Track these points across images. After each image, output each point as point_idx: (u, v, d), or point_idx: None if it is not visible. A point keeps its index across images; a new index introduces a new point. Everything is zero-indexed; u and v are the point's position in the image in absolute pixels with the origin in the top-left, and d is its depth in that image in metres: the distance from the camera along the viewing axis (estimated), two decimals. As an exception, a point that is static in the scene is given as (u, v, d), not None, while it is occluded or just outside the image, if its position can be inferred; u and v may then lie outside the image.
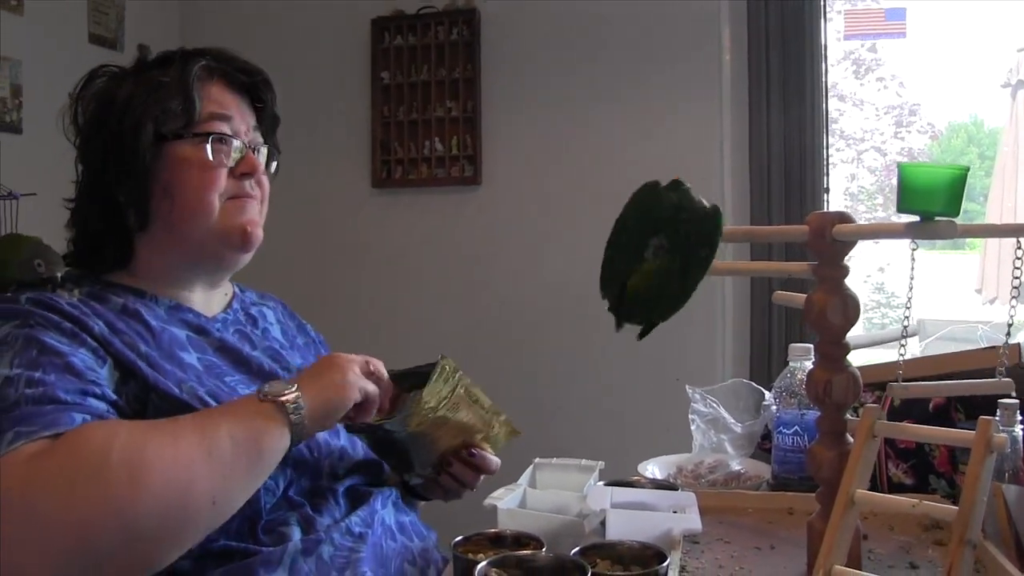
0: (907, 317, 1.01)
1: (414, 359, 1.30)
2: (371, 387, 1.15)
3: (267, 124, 1.33)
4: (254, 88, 1.31)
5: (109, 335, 1.08)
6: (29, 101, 2.87)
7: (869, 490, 0.95)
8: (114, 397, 1.03)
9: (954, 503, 0.91)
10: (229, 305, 1.34)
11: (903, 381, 1.04)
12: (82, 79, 1.27)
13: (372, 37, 3.34)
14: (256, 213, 1.27)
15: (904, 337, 1.01)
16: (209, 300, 1.31)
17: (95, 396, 1.00)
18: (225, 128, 1.23)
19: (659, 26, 3.07)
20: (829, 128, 3.07)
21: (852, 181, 3.55)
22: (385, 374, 1.21)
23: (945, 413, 1.39)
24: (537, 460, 1.42)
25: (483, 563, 0.98)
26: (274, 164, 1.35)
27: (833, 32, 3.12)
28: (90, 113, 1.24)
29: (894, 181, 3.62)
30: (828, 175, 3.04)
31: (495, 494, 1.24)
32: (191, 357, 1.17)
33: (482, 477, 1.36)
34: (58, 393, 0.96)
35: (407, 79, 3.32)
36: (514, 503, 1.25)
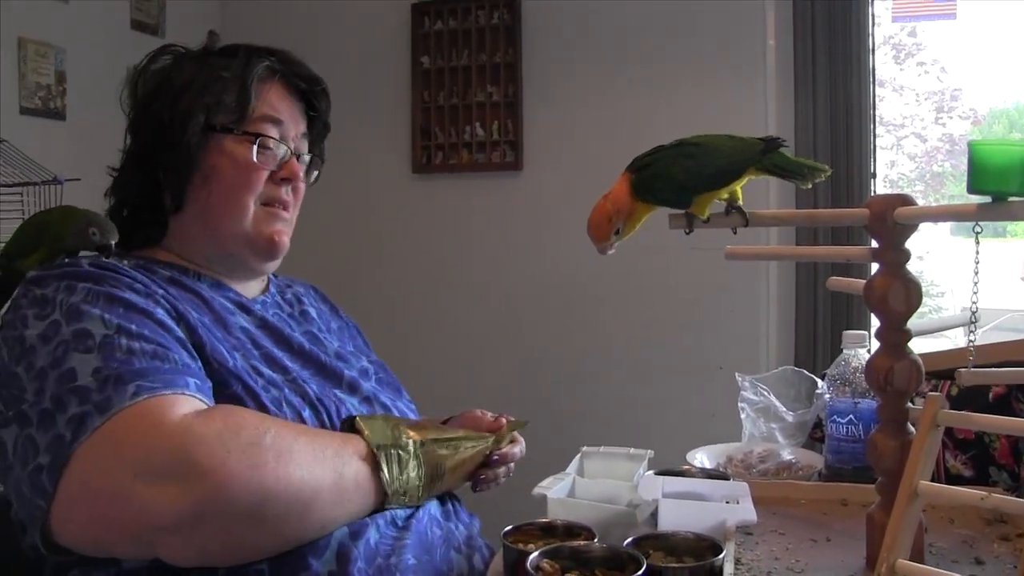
0: (975, 303, 0.97)
1: (454, 344, 1.29)
2: None
3: (316, 132, 1.35)
4: (311, 96, 1.32)
5: (169, 296, 1.09)
6: (73, 88, 2.90)
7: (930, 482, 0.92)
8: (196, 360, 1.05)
9: (1018, 496, 0.88)
10: (266, 289, 1.36)
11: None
12: (148, 55, 1.27)
13: (412, 22, 3.32)
14: (286, 223, 1.28)
15: (973, 323, 0.98)
16: (246, 285, 1.31)
17: (190, 354, 1.02)
18: (274, 132, 1.24)
19: (702, 11, 3.02)
20: (875, 114, 3.01)
21: (892, 168, 3.49)
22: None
23: (1006, 402, 1.35)
24: (584, 448, 1.40)
25: (535, 554, 0.96)
26: (315, 173, 1.35)
27: (878, 16, 3.06)
28: (148, 89, 1.25)
29: (935, 167, 3.56)
30: (875, 160, 2.99)
31: (543, 483, 1.22)
32: (239, 323, 1.19)
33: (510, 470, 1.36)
34: (169, 351, 0.98)
35: (447, 64, 3.30)
36: (563, 492, 1.23)
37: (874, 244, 1.02)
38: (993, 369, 1.08)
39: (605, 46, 3.14)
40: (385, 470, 1.08)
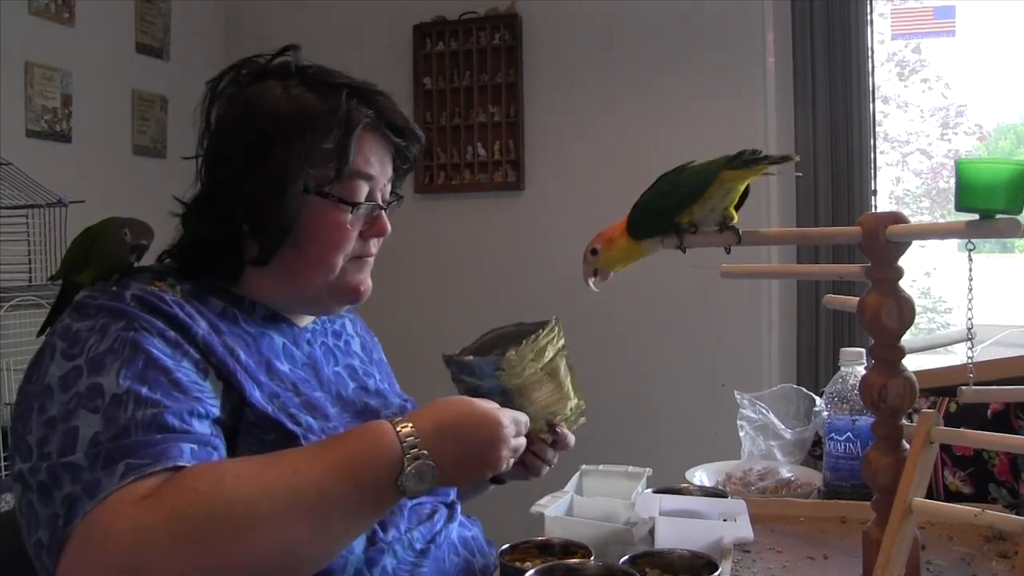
0: (970, 320, 0.97)
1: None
2: (515, 450, 1.08)
3: (401, 174, 1.30)
4: (403, 147, 1.26)
5: (211, 339, 1.05)
6: (78, 111, 2.92)
7: (926, 498, 0.92)
8: (217, 413, 1.01)
9: (1016, 513, 0.88)
10: (315, 317, 1.32)
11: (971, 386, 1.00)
12: (225, 72, 1.20)
13: (414, 43, 3.35)
14: (369, 271, 1.24)
15: (970, 339, 0.98)
16: (302, 316, 1.27)
17: (199, 416, 0.98)
18: (366, 188, 1.18)
19: (702, 29, 3.04)
20: (875, 130, 3.02)
21: (897, 184, 3.49)
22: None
23: (1004, 420, 1.35)
24: (583, 467, 1.40)
25: (531, 572, 0.96)
26: (395, 209, 1.29)
27: (878, 33, 3.07)
28: (230, 123, 1.16)
29: (941, 184, 3.57)
30: (876, 177, 3.00)
31: (541, 501, 1.22)
32: (285, 367, 1.15)
33: (556, 456, 1.31)
34: (167, 418, 0.95)
35: (449, 84, 3.32)
36: (561, 510, 1.23)
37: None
38: (994, 387, 1.08)
39: (606, 66, 3.16)
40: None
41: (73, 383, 0.96)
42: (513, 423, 1.06)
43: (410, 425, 0.98)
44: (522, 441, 1.08)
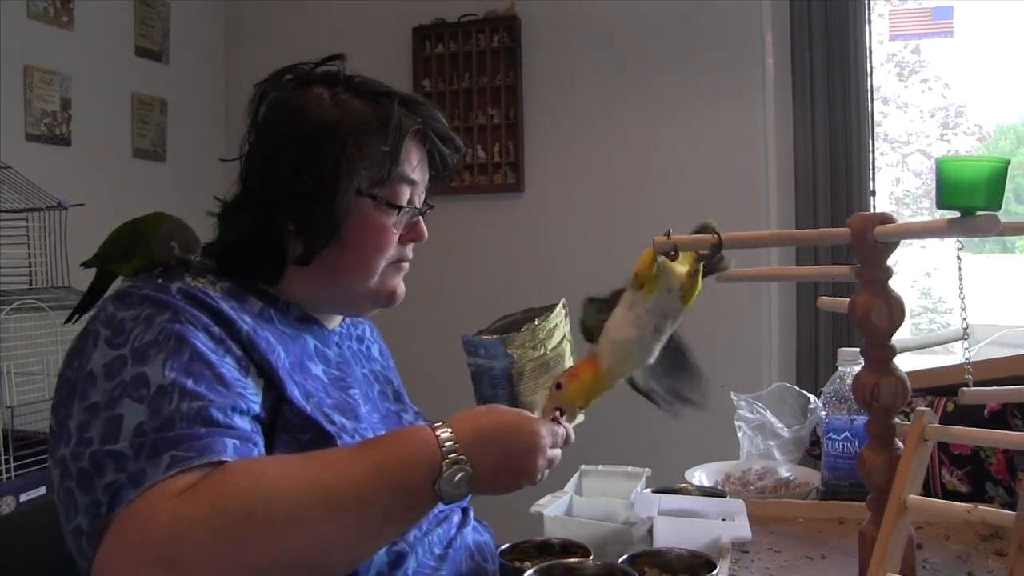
0: (964, 319, 0.98)
1: (457, 367, 1.29)
2: (552, 461, 1.06)
3: (436, 182, 1.30)
4: (445, 156, 1.27)
5: (254, 337, 1.06)
6: (78, 114, 2.93)
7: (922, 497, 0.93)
8: (258, 410, 1.02)
9: (1013, 510, 0.89)
10: (342, 320, 1.33)
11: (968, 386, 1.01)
12: (271, 77, 1.21)
13: (413, 45, 3.36)
14: (404, 274, 1.27)
15: (965, 338, 0.98)
16: (332, 317, 1.29)
17: (242, 412, 0.98)
18: (408, 193, 1.20)
19: (701, 31, 3.05)
20: (874, 131, 3.03)
21: (897, 185, 3.50)
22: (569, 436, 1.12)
23: (1001, 419, 1.35)
24: (583, 467, 1.41)
25: (530, 571, 0.97)
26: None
27: (877, 34, 3.08)
28: (275, 124, 1.18)
29: (937, 181, 3.59)
30: (874, 178, 3.00)
31: (541, 501, 1.23)
32: (317, 368, 1.17)
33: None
34: (212, 412, 0.95)
35: (448, 87, 3.33)
36: (560, 510, 1.24)
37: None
38: (994, 388, 1.09)
39: (605, 67, 3.16)
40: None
41: (118, 371, 0.96)
42: (550, 434, 1.05)
43: (449, 431, 0.97)
44: (558, 452, 1.06)
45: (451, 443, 0.96)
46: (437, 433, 0.97)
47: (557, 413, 1.16)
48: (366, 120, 1.15)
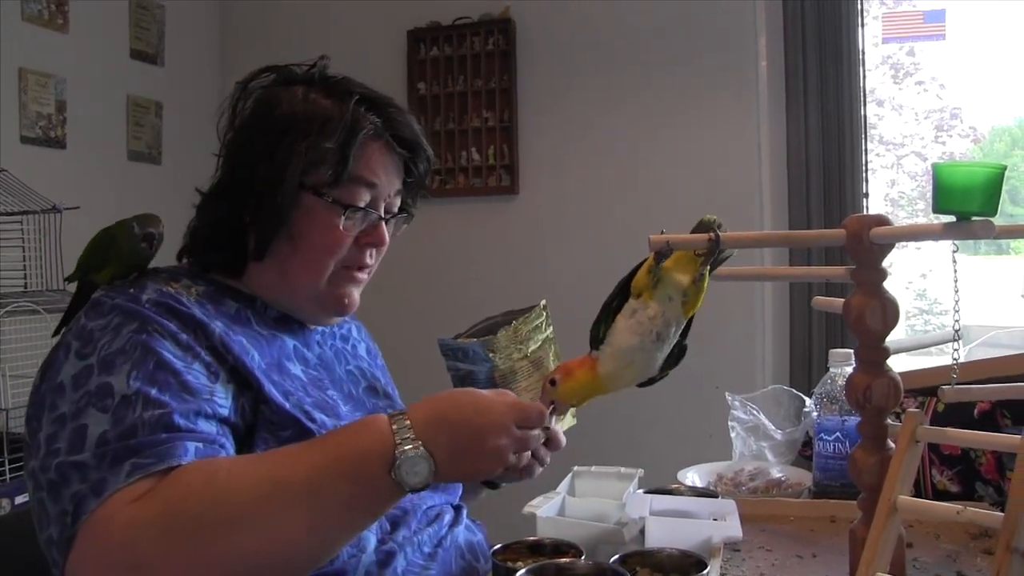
0: (957, 320, 0.99)
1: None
2: (520, 441, 1.02)
3: (411, 190, 1.29)
4: (410, 159, 1.26)
5: (227, 339, 1.07)
6: (73, 117, 2.93)
7: (912, 497, 0.93)
8: (225, 414, 1.02)
9: (1002, 511, 0.90)
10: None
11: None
12: (257, 73, 1.23)
13: (408, 48, 3.37)
14: (359, 285, 1.25)
15: (956, 340, 0.99)
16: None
17: (206, 416, 0.99)
18: (367, 195, 1.19)
19: (695, 33, 3.06)
20: (868, 133, 3.04)
21: (892, 187, 3.51)
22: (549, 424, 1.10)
23: (991, 419, 1.36)
24: (576, 468, 1.41)
25: (522, 571, 0.97)
26: (403, 227, 1.31)
27: (870, 36, 3.09)
28: (248, 118, 1.20)
29: (934, 184, 3.60)
30: (867, 180, 3.01)
31: (533, 502, 1.24)
32: (296, 368, 1.17)
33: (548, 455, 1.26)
34: (175, 418, 0.95)
35: (443, 90, 3.34)
36: (553, 511, 1.24)
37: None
38: (975, 386, 1.10)
39: (599, 70, 3.17)
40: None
41: (84, 382, 0.98)
42: (516, 411, 1.00)
43: (404, 416, 0.96)
44: (532, 434, 1.02)
45: (405, 429, 0.95)
46: (392, 421, 0.96)
47: (550, 409, 1.14)
48: (323, 117, 1.16)
